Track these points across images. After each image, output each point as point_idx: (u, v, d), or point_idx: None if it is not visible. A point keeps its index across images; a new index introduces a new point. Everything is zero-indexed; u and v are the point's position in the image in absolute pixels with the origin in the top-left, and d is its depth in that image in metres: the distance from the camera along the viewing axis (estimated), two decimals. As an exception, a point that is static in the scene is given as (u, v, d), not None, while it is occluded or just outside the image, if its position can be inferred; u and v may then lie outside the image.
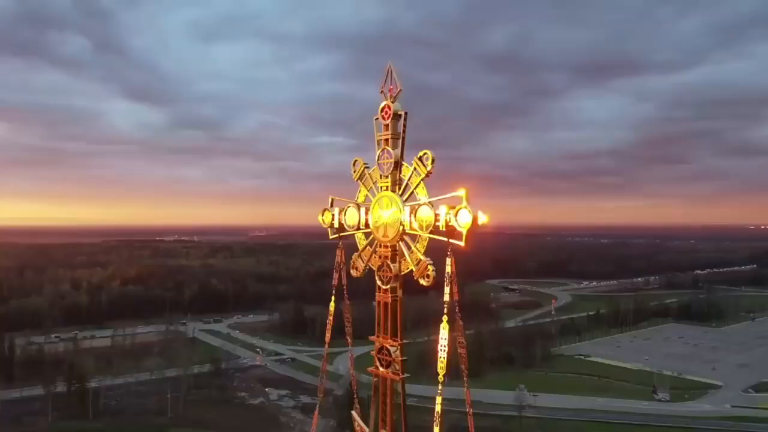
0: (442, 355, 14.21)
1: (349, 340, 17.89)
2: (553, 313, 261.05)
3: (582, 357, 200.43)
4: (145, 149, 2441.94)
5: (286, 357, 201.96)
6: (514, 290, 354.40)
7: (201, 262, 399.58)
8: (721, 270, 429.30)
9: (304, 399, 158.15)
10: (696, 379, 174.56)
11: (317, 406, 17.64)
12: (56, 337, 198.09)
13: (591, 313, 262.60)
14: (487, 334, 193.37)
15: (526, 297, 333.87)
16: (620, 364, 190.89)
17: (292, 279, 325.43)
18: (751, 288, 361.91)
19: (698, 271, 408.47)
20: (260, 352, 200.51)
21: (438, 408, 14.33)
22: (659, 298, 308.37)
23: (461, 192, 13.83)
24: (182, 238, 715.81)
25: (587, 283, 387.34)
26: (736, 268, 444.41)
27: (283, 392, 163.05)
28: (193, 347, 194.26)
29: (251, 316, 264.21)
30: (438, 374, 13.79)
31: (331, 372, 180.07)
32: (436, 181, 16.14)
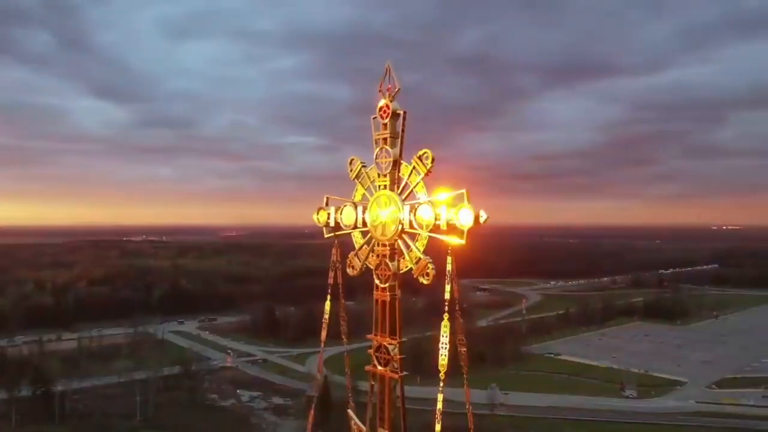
0: (444, 352, 14.36)
1: (345, 339, 17.83)
2: (523, 312, 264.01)
3: (552, 355, 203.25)
4: (113, 148, 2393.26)
5: (257, 358, 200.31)
6: (485, 290, 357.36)
7: (170, 263, 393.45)
8: (685, 269, 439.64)
9: (276, 400, 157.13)
10: (662, 375, 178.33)
11: (313, 404, 17.53)
12: (20, 339, 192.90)
13: (560, 312, 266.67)
14: (459, 334, 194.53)
15: (496, 296, 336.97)
16: (589, 362, 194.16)
17: (264, 279, 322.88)
18: (713, 287, 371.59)
19: (663, 271, 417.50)
20: (231, 354, 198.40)
21: (439, 405, 14.46)
22: (626, 297, 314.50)
23: (462, 191, 13.99)
24: (150, 238, 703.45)
25: (553, 283, 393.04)
26: (700, 267, 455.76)
27: (255, 394, 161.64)
28: (162, 349, 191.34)
29: (224, 318, 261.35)
30: (438, 371, 13.94)
31: (304, 373, 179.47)
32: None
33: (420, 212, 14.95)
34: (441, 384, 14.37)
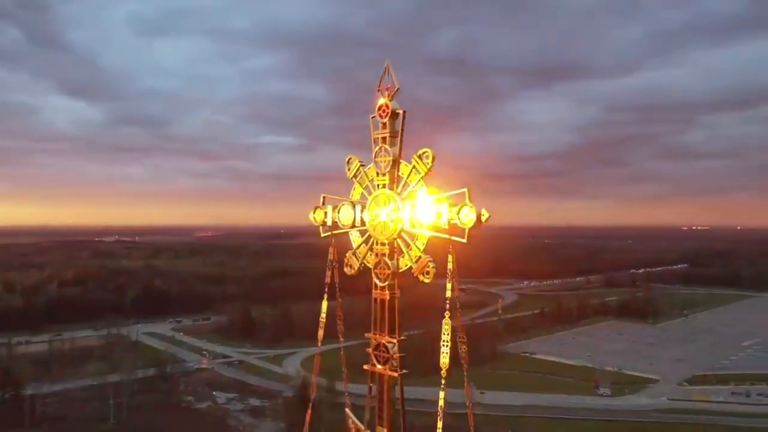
0: (445, 350, 14.49)
1: (341, 338, 17.82)
2: (499, 311, 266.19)
3: (528, 355, 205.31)
4: (85, 147, 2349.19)
5: (233, 359, 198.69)
6: (461, 290, 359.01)
7: (143, 263, 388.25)
8: (656, 269, 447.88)
9: (253, 402, 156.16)
10: (635, 374, 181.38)
11: (310, 404, 17.49)
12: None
13: (536, 311, 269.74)
14: (436, 333, 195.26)
15: (472, 296, 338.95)
16: (564, 361, 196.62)
17: (240, 280, 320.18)
18: (684, 286, 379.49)
19: (635, 271, 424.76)
20: (207, 355, 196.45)
21: (441, 402, 14.59)
22: (599, 296, 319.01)
23: (464, 190, 14.13)
24: (123, 238, 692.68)
25: (527, 282, 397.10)
26: (670, 267, 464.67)
27: (231, 395, 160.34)
28: (137, 351, 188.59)
29: (200, 319, 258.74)
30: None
31: (281, 374, 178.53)
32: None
33: (420, 211, 15.04)
34: (442, 381, 14.55)
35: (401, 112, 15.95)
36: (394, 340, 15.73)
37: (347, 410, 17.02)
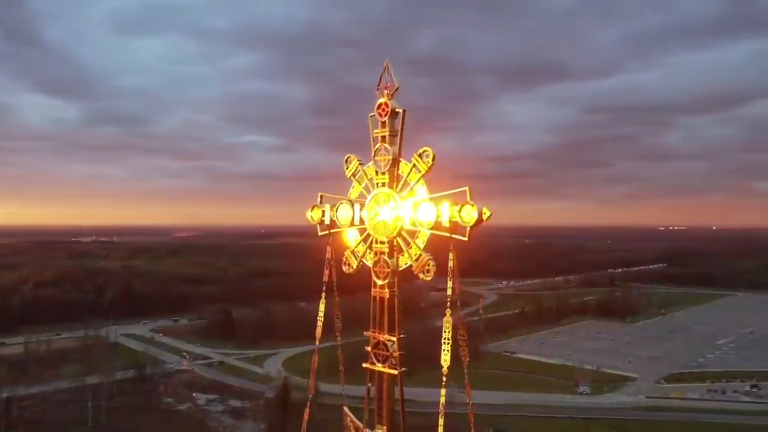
0: (446, 347, 14.59)
1: (339, 336, 17.82)
2: (480, 311, 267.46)
3: (509, 354, 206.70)
4: (61, 145, 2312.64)
5: (213, 360, 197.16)
6: (440, 290, 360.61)
7: (121, 264, 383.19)
8: (634, 269, 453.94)
9: (234, 403, 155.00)
10: (614, 372, 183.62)
11: (307, 403, 17.45)
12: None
13: (516, 311, 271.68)
14: (417, 333, 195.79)
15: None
16: (544, 360, 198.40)
17: (220, 280, 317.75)
18: (661, 285, 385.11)
19: (614, 270, 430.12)
20: (186, 356, 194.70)
21: (442, 400, 14.69)
22: (578, 296, 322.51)
23: (465, 188, 14.24)
24: (100, 239, 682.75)
25: (506, 282, 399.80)
26: (648, 266, 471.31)
27: (212, 397, 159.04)
28: (115, 352, 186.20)
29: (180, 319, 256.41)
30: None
31: (262, 375, 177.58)
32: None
33: (421, 209, 15.11)
34: (444, 379, 14.68)
35: (401, 110, 16.03)
36: (394, 338, 15.79)
37: (345, 408, 17.03)
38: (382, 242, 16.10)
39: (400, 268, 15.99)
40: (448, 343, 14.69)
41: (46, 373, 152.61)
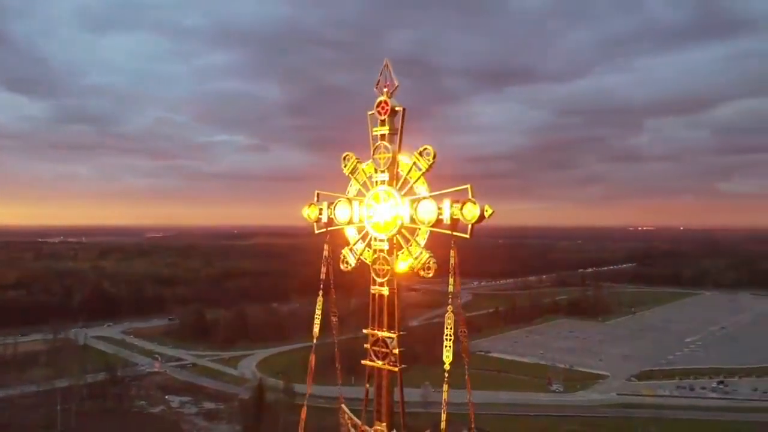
0: (448, 344, 14.70)
1: (335, 334, 17.82)
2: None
3: (483, 353, 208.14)
4: (28, 144, 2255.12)
5: (186, 362, 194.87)
6: (415, 290, 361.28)
7: (91, 265, 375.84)
8: (605, 268, 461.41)
9: (208, 405, 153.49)
10: (586, 370, 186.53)
11: (305, 403, 17.37)
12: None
13: (490, 310, 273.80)
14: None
15: (427, 296, 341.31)
16: (518, 358, 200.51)
17: (192, 281, 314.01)
18: (631, 285, 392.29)
19: (585, 270, 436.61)
20: (159, 358, 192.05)
21: (444, 395, 14.79)
22: (551, 295, 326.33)
23: (466, 186, 14.37)
24: (69, 239, 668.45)
25: (479, 282, 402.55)
26: (618, 266, 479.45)
27: (185, 399, 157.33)
28: (85, 355, 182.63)
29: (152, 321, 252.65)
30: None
31: (236, 376, 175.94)
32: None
33: (421, 207, 15.19)
34: (446, 375, 14.78)
35: (401, 109, 16.12)
36: (394, 335, 15.86)
37: (343, 406, 17.02)
38: (381, 240, 16.16)
39: (400, 266, 16.07)
40: (450, 340, 14.85)
41: (12, 377, 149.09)
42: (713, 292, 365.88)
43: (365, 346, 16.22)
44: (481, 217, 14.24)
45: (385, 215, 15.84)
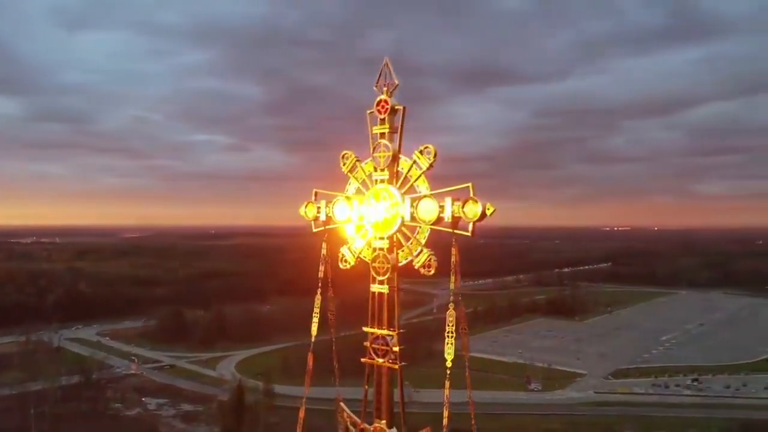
0: (450, 341, 14.80)
1: (333, 332, 17.82)
2: (434, 311, 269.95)
3: (462, 353, 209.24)
4: (0, 143, 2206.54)
5: (164, 364, 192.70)
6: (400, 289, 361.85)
7: (66, 266, 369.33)
8: (582, 268, 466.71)
9: (186, 407, 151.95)
10: (564, 369, 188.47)
11: (302, 402, 17.30)
12: None
13: (469, 310, 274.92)
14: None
15: (407, 296, 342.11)
16: (497, 358, 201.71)
17: (170, 282, 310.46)
18: (607, 284, 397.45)
19: (562, 270, 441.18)
20: (135, 360, 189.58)
21: (446, 392, 14.90)
22: (529, 295, 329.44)
23: (468, 185, 14.47)
24: (42, 239, 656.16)
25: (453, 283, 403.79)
26: (595, 266, 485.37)
27: (163, 401, 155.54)
28: (59, 357, 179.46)
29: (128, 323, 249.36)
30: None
31: (215, 378, 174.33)
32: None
33: (422, 205, 15.28)
34: (447, 372, 14.84)
35: (401, 108, 16.18)
36: (393, 333, 15.90)
37: (342, 404, 16.99)
38: (381, 238, 16.20)
39: (400, 264, 16.13)
40: (452, 337, 14.97)
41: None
42: (688, 291, 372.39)
43: (365, 344, 16.26)
44: (483, 216, 14.35)
45: (385, 213, 15.90)
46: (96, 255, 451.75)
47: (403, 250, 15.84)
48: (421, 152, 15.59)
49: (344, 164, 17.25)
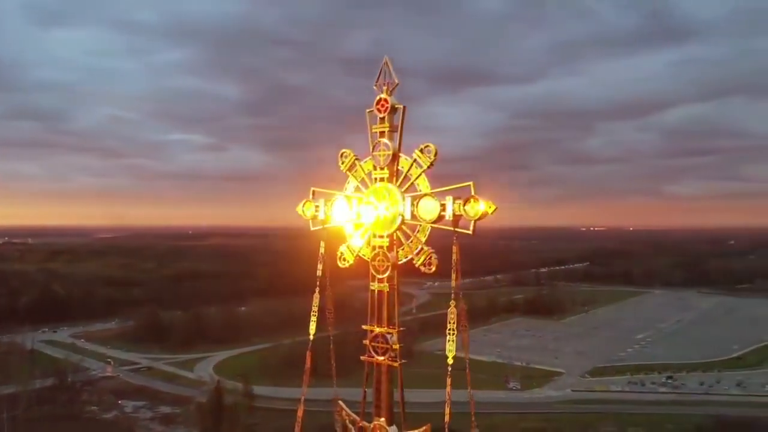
0: (451, 338, 14.89)
1: (331, 330, 17.81)
2: (414, 311, 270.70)
3: (441, 352, 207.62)
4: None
5: (141, 366, 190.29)
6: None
7: (38, 267, 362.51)
8: (559, 268, 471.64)
9: (164, 409, 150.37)
10: (542, 367, 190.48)
11: (301, 401, 17.24)
12: None
13: (447, 310, 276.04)
14: (352, 334, 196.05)
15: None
16: (476, 357, 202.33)
17: (146, 283, 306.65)
18: (584, 283, 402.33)
19: (539, 269, 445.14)
20: (111, 362, 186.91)
21: (448, 389, 14.98)
22: (508, 294, 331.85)
23: (469, 183, 14.58)
24: (13, 240, 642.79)
25: (437, 283, 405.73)
26: (572, 265, 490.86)
27: (140, 403, 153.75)
28: (33, 360, 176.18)
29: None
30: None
31: (193, 379, 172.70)
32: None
33: (423, 204, 15.34)
34: (449, 368, 14.95)
35: (401, 107, 16.25)
36: (394, 331, 15.96)
37: (340, 402, 16.98)
38: (380, 237, 16.24)
39: (400, 262, 16.19)
40: (453, 334, 15.08)
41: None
42: (662, 290, 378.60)
43: (364, 341, 16.31)
44: (485, 214, 14.49)
45: (385, 212, 15.95)
46: (70, 255, 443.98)
47: (403, 249, 15.90)
48: (421, 151, 15.68)
49: (343, 163, 17.26)
